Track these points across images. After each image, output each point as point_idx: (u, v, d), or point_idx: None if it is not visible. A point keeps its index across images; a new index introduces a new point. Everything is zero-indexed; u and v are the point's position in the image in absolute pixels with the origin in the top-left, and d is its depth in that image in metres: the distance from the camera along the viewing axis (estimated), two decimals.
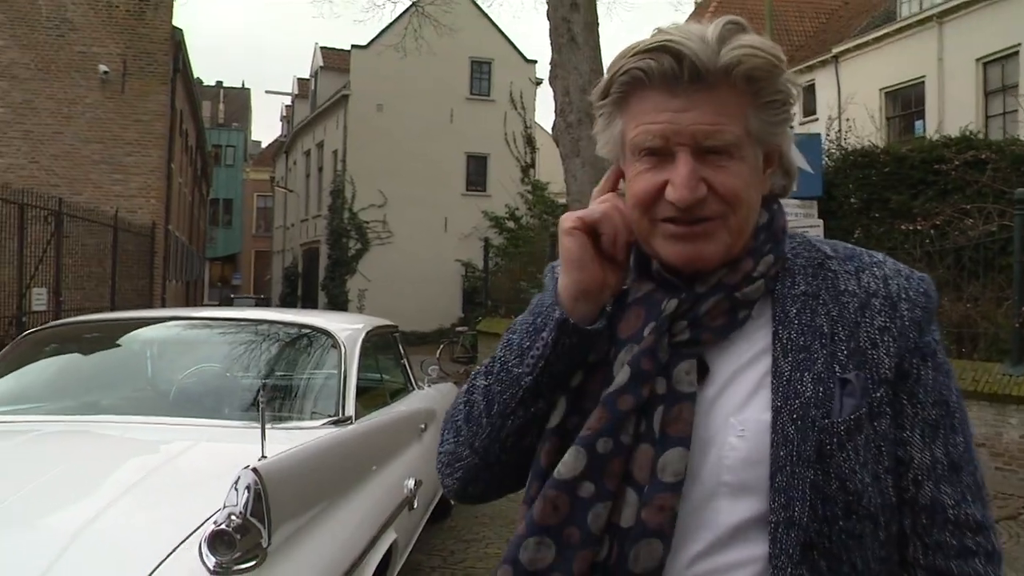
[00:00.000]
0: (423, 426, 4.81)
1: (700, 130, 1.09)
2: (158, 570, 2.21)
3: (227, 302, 36.34)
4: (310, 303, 31.86)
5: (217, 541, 2.14)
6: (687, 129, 1.09)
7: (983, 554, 1.14)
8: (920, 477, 1.14)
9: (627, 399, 1.12)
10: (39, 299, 11.74)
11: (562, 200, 18.10)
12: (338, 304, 28.27)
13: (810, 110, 24.01)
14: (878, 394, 1.12)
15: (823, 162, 9.73)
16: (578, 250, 1.16)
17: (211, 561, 2.16)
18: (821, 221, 8.88)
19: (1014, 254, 7.59)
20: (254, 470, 2.09)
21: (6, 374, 4.24)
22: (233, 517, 2.13)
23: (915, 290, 1.17)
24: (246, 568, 2.18)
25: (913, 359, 1.14)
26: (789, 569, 1.08)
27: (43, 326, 4.99)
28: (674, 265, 1.16)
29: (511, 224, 25.08)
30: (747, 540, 1.10)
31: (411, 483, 4.10)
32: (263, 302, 38.58)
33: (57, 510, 2.64)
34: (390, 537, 3.60)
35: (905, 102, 21.92)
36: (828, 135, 12.85)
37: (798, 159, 6.82)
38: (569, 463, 1.11)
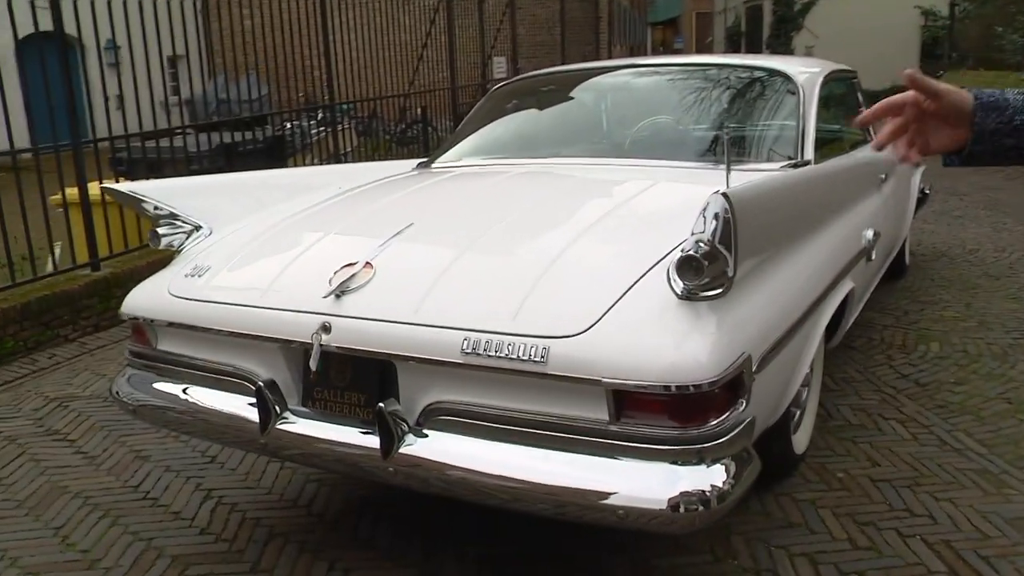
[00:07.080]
0: (883, 176, 4.49)
1: None
2: (631, 290, 2.32)
3: None
4: None
5: (686, 266, 2.17)
6: None
7: None
8: None
9: None
10: (499, 67, 12.63)
11: None
12: None
13: None
14: None
15: None
16: None
17: (679, 286, 2.21)
18: None
19: None
20: (724, 195, 2.06)
21: (479, 127, 4.63)
22: (702, 244, 2.13)
23: None
24: (712, 295, 2.21)
25: None
26: None
27: (506, 80, 5.32)
28: None
29: None
30: None
31: (869, 233, 3.89)
32: None
33: (534, 238, 2.85)
34: (848, 285, 3.49)
35: None
36: None
37: None
38: None
